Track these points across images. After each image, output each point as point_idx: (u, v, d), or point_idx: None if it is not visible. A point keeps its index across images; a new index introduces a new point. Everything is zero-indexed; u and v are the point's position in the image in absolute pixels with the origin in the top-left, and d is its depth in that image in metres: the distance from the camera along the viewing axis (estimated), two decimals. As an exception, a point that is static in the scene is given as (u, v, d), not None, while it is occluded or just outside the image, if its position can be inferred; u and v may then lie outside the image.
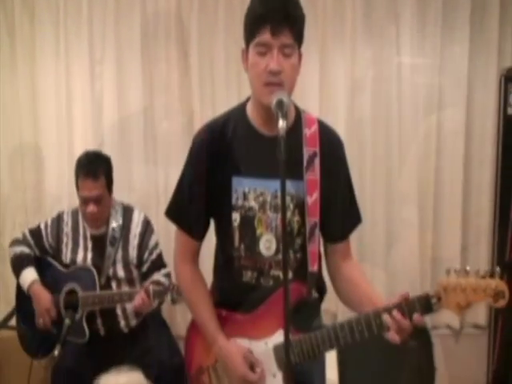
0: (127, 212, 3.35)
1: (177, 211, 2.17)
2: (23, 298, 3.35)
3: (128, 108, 3.82)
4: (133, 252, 3.28)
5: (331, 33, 3.75)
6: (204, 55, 3.76)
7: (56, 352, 3.07)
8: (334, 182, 2.08)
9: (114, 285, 3.27)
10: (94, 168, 3.15)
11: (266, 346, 2.05)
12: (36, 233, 3.38)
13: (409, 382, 3.38)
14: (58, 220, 3.37)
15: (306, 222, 2.03)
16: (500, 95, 3.57)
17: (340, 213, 2.13)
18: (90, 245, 3.30)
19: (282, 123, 1.78)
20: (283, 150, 1.73)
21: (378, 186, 3.83)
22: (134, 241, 3.30)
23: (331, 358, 3.26)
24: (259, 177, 2.03)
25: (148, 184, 3.84)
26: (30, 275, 3.30)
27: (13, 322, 3.54)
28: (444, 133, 3.82)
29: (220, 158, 2.05)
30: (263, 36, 1.89)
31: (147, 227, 3.34)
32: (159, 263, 3.33)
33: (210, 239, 2.21)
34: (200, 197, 2.09)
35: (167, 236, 3.44)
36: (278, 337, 2.01)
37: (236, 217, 2.06)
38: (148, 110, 3.82)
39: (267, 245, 2.05)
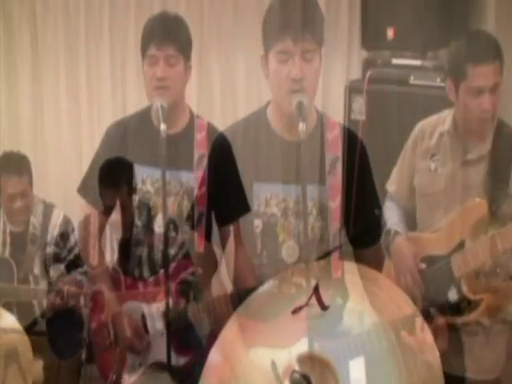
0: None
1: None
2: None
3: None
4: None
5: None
6: (223, 61, 3.76)
7: (83, 356, 3.10)
8: (357, 186, 2.05)
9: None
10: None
11: (289, 354, 2.01)
12: None
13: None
14: None
15: (329, 227, 2.01)
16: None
17: (365, 218, 2.10)
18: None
19: (301, 126, 1.77)
20: (303, 154, 1.74)
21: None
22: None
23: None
24: (281, 182, 2.01)
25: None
26: None
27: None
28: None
29: (240, 163, 2.03)
30: (284, 44, 1.87)
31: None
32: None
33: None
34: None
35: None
36: (301, 345, 1.97)
37: (258, 223, 2.04)
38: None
39: (290, 251, 2.03)
